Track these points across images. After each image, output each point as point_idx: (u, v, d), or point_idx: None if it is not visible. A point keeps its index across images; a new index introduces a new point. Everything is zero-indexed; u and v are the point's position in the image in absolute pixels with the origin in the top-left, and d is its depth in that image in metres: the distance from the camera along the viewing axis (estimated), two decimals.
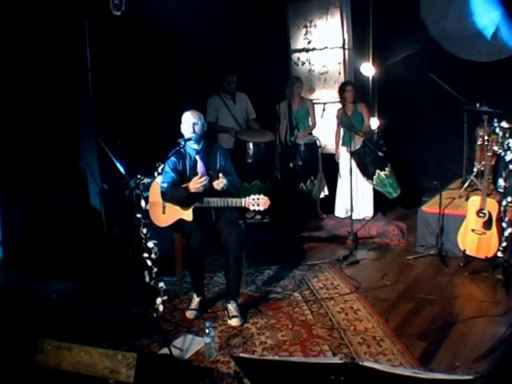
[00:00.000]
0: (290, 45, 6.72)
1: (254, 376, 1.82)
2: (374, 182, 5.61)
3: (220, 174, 3.75)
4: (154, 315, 3.47)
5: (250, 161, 5.68)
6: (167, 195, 3.79)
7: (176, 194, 3.74)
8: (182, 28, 5.39)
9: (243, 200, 3.67)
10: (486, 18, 5.57)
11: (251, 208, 3.68)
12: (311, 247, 5.21)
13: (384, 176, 5.57)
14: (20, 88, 4.42)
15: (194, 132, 3.76)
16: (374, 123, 5.89)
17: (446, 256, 4.58)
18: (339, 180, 5.84)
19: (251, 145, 5.68)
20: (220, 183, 3.70)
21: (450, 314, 3.66)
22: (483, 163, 4.73)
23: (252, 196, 3.67)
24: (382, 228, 5.36)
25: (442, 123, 5.84)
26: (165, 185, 3.77)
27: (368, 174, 5.59)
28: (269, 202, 3.66)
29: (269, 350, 3.31)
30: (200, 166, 3.86)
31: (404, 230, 5.32)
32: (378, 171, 5.55)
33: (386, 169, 5.57)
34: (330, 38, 6.44)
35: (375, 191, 5.70)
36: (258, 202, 3.65)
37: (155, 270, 3.44)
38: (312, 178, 5.88)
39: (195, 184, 3.66)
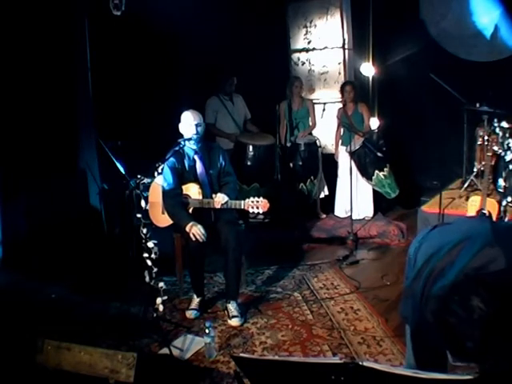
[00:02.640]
0: (290, 45, 6.72)
1: (254, 376, 1.82)
2: (373, 183, 5.62)
3: (217, 195, 3.75)
4: (154, 315, 3.47)
5: (249, 163, 5.67)
6: (169, 208, 3.79)
7: (176, 215, 3.75)
8: (181, 28, 5.38)
9: (243, 202, 3.68)
10: (486, 17, 5.56)
11: (250, 210, 3.69)
12: (311, 247, 5.21)
13: (382, 176, 5.58)
14: (20, 88, 4.43)
15: (197, 133, 3.75)
16: (374, 123, 5.89)
17: None
18: (338, 180, 5.85)
19: (251, 147, 5.67)
20: (220, 201, 3.69)
21: None
22: (483, 163, 4.73)
23: (251, 198, 3.68)
24: (382, 228, 5.35)
25: (441, 123, 5.84)
26: (168, 189, 3.76)
27: (367, 175, 5.60)
28: (268, 205, 3.66)
29: (269, 350, 3.31)
30: (199, 166, 3.86)
31: (404, 230, 5.32)
32: (376, 172, 5.56)
33: (385, 169, 5.58)
34: (330, 38, 6.43)
35: (375, 191, 5.70)
36: (257, 205, 3.66)
37: (155, 270, 3.43)
38: (312, 177, 5.88)
39: (194, 232, 3.62)
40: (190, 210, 3.78)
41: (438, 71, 5.26)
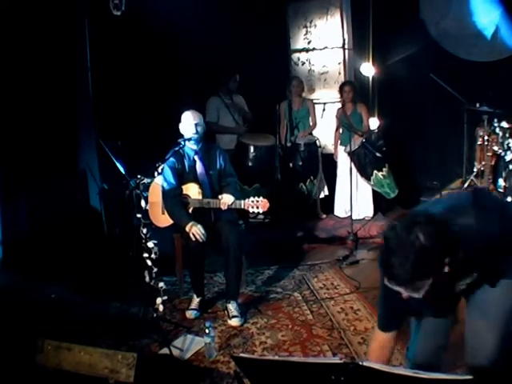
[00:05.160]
0: (290, 45, 6.72)
1: (254, 376, 1.82)
2: (372, 183, 5.62)
3: (223, 196, 3.74)
4: (154, 315, 3.47)
5: (250, 164, 5.67)
6: (168, 207, 3.80)
7: (176, 215, 3.76)
8: (181, 28, 5.38)
9: (242, 202, 3.68)
10: (486, 17, 5.57)
11: (250, 210, 3.70)
12: (311, 247, 5.21)
13: (381, 176, 5.58)
14: (20, 88, 4.42)
15: (196, 132, 3.76)
16: (374, 123, 5.89)
17: None
18: (338, 180, 5.85)
19: (252, 148, 5.67)
20: (227, 202, 3.68)
21: None
22: (483, 163, 4.74)
23: (251, 198, 3.68)
24: (381, 228, 5.34)
25: (442, 123, 5.84)
26: (168, 188, 3.77)
27: (366, 175, 5.60)
28: (268, 205, 3.66)
29: (269, 350, 3.31)
30: (199, 167, 3.86)
31: None
32: (375, 171, 5.56)
33: (384, 169, 5.57)
34: (329, 38, 6.44)
35: (375, 191, 5.70)
36: (257, 205, 3.66)
37: (155, 269, 3.44)
38: (312, 177, 5.88)
39: (194, 232, 3.62)
40: (190, 210, 3.78)
41: (438, 71, 5.26)
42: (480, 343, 2.06)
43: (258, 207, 3.66)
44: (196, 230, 3.60)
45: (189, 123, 3.76)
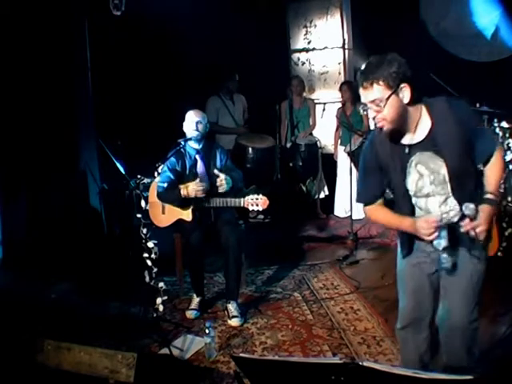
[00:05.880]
0: (290, 45, 6.73)
1: (254, 376, 1.82)
2: None
3: (217, 172, 3.73)
4: (154, 315, 3.47)
5: (249, 165, 5.66)
6: (162, 196, 3.81)
7: (170, 195, 3.76)
8: (181, 28, 5.38)
9: (242, 200, 3.67)
10: (486, 18, 5.57)
11: (250, 208, 3.68)
12: (311, 247, 5.22)
13: None
14: (20, 88, 4.43)
15: (197, 130, 3.76)
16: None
17: None
18: (338, 179, 5.85)
19: (251, 150, 5.66)
20: (222, 184, 3.69)
21: None
22: None
23: (251, 196, 3.67)
24: (381, 228, 5.35)
25: None
26: (162, 185, 3.78)
27: None
28: (268, 202, 3.66)
29: (269, 350, 3.31)
30: (200, 166, 3.87)
31: None
32: None
33: None
34: (329, 38, 6.45)
35: None
36: (256, 202, 3.65)
37: (155, 270, 3.44)
38: (311, 178, 5.88)
39: (194, 190, 3.65)
40: (190, 210, 3.78)
41: (438, 71, 5.25)
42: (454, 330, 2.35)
43: (257, 205, 3.65)
44: (193, 187, 3.62)
45: (190, 121, 3.79)
